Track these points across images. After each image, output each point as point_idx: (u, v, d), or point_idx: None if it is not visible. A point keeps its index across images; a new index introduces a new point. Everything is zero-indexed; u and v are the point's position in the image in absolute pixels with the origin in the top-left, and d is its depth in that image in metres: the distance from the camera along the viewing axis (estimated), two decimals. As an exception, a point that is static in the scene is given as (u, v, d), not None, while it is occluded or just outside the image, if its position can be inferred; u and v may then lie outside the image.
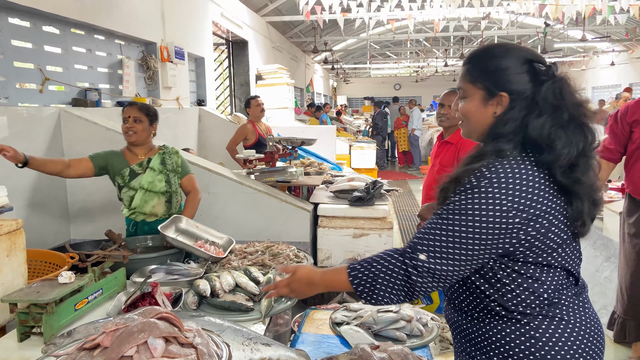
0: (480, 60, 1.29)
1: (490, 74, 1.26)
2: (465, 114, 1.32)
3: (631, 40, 14.19)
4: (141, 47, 5.07)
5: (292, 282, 1.40)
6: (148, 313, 1.32)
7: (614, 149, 2.89)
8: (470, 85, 1.29)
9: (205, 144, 6.03)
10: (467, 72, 1.31)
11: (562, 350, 1.16)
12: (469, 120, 1.31)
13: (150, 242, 2.61)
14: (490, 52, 1.28)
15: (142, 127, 2.76)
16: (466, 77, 1.31)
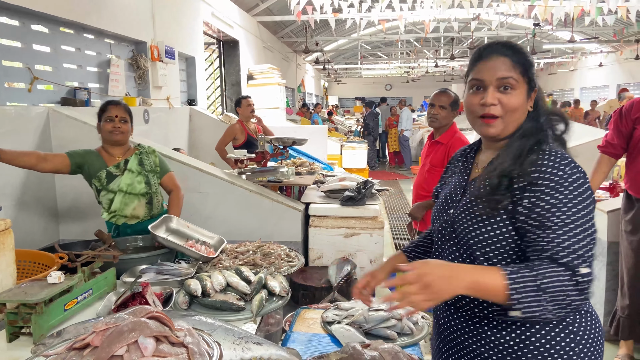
0: (522, 53, 1.24)
1: (530, 69, 1.24)
2: (513, 108, 1.21)
3: (619, 42, 14.35)
4: (131, 47, 5.04)
5: (423, 275, 1.04)
6: (138, 312, 1.32)
7: (617, 144, 2.90)
8: (520, 77, 1.22)
9: (196, 143, 6.01)
10: (517, 62, 1.22)
11: (577, 348, 1.16)
12: (513, 114, 1.22)
13: (141, 242, 2.59)
14: (521, 47, 1.26)
15: (127, 127, 2.72)
16: (517, 68, 1.21)
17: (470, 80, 1.26)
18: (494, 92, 1.21)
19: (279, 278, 2.08)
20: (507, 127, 1.22)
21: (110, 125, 2.68)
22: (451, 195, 1.33)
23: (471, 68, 1.28)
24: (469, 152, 1.42)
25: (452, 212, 1.28)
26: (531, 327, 1.16)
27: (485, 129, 1.23)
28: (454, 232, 1.24)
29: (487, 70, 1.22)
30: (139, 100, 4.81)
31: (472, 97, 1.25)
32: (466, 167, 1.36)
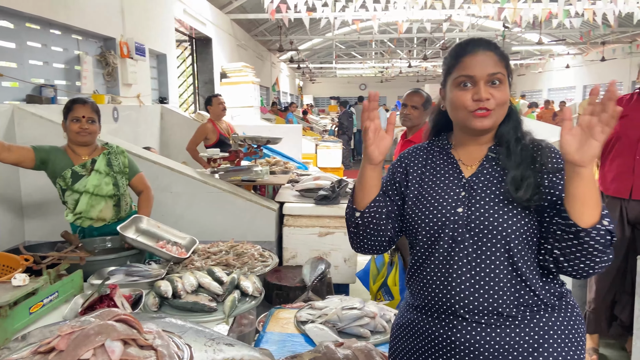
0: (500, 48, 1.27)
1: (509, 63, 1.27)
2: (504, 101, 1.23)
3: (585, 44, 14.76)
4: (99, 43, 4.92)
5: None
6: (105, 315, 1.28)
7: None
8: (505, 71, 1.24)
9: (168, 142, 5.91)
10: (501, 56, 1.24)
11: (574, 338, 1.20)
12: (502, 107, 1.24)
13: (109, 244, 2.53)
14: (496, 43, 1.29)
15: (95, 127, 2.61)
16: (502, 62, 1.24)
17: (457, 77, 1.23)
18: (485, 87, 1.21)
19: (252, 278, 2.06)
20: (497, 120, 1.25)
21: (77, 126, 2.56)
22: (449, 194, 1.26)
23: (454, 63, 1.25)
24: (437, 151, 1.36)
25: (462, 211, 1.22)
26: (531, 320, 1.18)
27: (480, 122, 1.22)
28: (474, 230, 1.20)
29: (476, 66, 1.21)
30: (108, 98, 4.70)
31: (462, 93, 1.23)
32: (453, 166, 1.31)
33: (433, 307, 1.23)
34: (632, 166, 2.79)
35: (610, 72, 15.41)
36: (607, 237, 1.06)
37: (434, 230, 1.24)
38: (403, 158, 1.40)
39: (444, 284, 1.21)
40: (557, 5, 7.76)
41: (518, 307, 1.17)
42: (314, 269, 2.88)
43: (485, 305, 1.16)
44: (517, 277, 1.18)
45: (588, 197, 1.05)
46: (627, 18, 10.86)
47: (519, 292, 1.17)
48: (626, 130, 2.81)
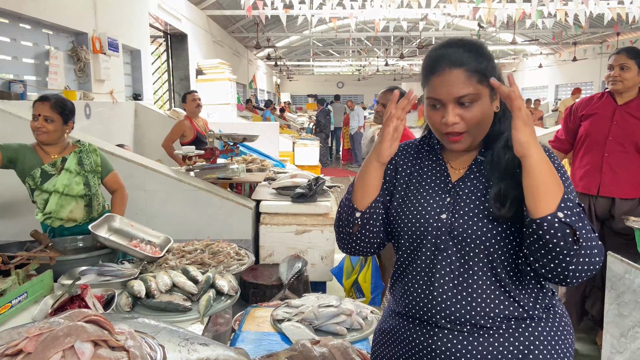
0: (475, 53, 1.15)
1: (488, 69, 1.16)
2: (477, 121, 1.14)
3: (557, 44, 15.08)
4: (71, 38, 4.81)
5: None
6: (75, 316, 1.25)
7: (564, 140, 3.07)
8: (479, 85, 1.14)
9: (142, 140, 5.81)
10: (473, 70, 1.13)
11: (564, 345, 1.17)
12: (479, 125, 1.16)
13: (81, 243, 2.46)
14: (473, 44, 1.18)
15: (54, 127, 2.49)
16: (474, 78, 1.13)
17: (427, 98, 1.18)
18: (454, 109, 1.13)
19: (227, 277, 2.04)
20: (476, 138, 1.18)
21: (33, 125, 2.47)
22: (434, 199, 1.21)
23: (425, 81, 1.19)
24: (427, 150, 1.30)
25: (445, 217, 1.17)
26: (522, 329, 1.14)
27: (454, 145, 1.17)
28: (457, 238, 1.15)
29: (442, 88, 1.13)
30: (80, 94, 4.59)
31: (432, 114, 1.18)
32: (441, 169, 1.25)
33: (415, 315, 1.19)
34: (600, 163, 2.86)
35: (581, 72, 15.79)
36: (565, 230, 0.99)
37: (416, 236, 1.19)
38: (397, 152, 1.33)
39: (425, 293, 1.17)
40: (530, 5, 7.90)
41: (501, 318, 1.13)
42: (290, 267, 2.88)
43: (467, 317, 1.13)
44: (500, 287, 1.14)
45: (537, 187, 1.01)
46: (597, 19, 11.14)
47: (502, 303, 1.13)
48: (595, 128, 2.89)
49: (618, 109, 2.86)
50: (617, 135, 2.82)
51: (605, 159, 2.85)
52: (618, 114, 2.85)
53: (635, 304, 2.08)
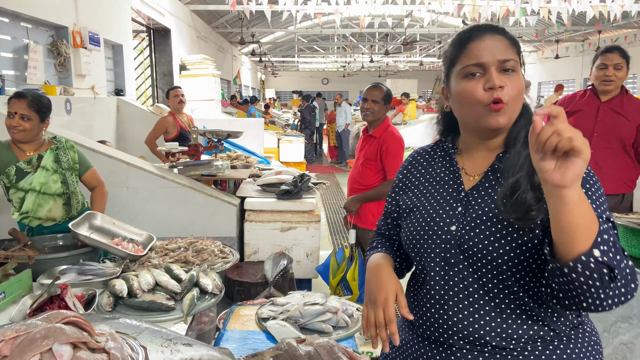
0: (513, 35, 1.09)
1: (522, 55, 1.10)
2: (519, 93, 1.04)
3: (540, 42, 15.24)
4: (51, 32, 4.70)
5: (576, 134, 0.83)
6: (53, 317, 1.22)
7: None
8: (518, 58, 1.06)
9: (125, 136, 5.73)
10: (513, 41, 1.06)
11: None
12: (517, 101, 1.05)
13: (61, 242, 2.40)
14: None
15: (30, 125, 2.43)
16: (514, 48, 1.06)
17: (464, 67, 1.06)
18: (497, 74, 1.02)
19: (211, 275, 2.01)
20: (513, 117, 1.05)
21: (9, 123, 2.40)
22: (444, 209, 1.12)
23: (458, 53, 1.08)
24: (440, 156, 1.22)
25: (455, 229, 1.07)
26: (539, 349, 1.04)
27: (495, 119, 1.03)
28: (467, 252, 1.05)
29: (485, 51, 1.03)
30: (60, 89, 4.50)
31: (470, 84, 1.04)
32: (455, 176, 1.16)
33: (431, 334, 1.11)
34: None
35: (564, 69, 15.99)
36: (601, 270, 0.84)
37: (424, 249, 1.11)
38: (405, 164, 1.28)
39: (439, 312, 1.08)
40: (514, 3, 7.96)
41: (525, 340, 1.02)
42: (275, 264, 2.86)
43: (486, 339, 1.03)
44: (521, 305, 1.03)
45: (575, 225, 0.84)
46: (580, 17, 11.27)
47: (525, 322, 1.03)
48: (580, 125, 2.89)
49: (602, 106, 2.89)
50: (602, 132, 2.85)
51: (592, 155, 2.87)
52: (602, 110, 2.88)
53: (618, 299, 2.11)
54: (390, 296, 1.07)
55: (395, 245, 1.30)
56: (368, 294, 1.12)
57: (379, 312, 1.06)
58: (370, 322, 1.08)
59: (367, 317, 1.10)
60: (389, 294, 1.07)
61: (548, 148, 0.81)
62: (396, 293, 1.08)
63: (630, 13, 8.56)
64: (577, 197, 0.83)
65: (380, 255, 1.21)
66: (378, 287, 1.10)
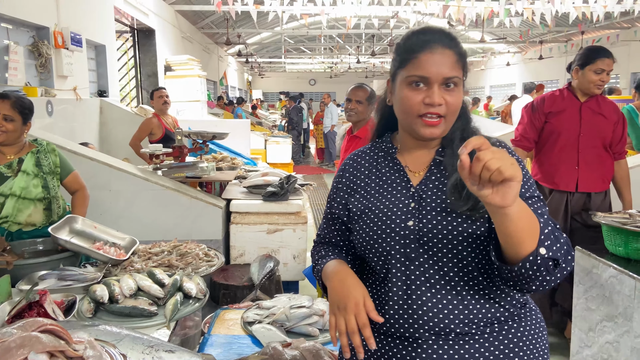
0: (459, 42, 1.14)
1: (466, 61, 1.15)
2: (457, 108, 1.11)
3: (524, 43, 15.39)
4: (32, 32, 4.62)
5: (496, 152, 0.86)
6: (29, 326, 1.18)
7: (530, 138, 3.01)
8: (462, 72, 1.11)
9: (108, 138, 5.65)
10: (460, 55, 1.11)
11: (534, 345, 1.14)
12: (455, 114, 1.11)
13: (41, 246, 2.34)
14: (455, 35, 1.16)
15: (14, 126, 2.38)
16: (460, 63, 1.11)
17: (410, 76, 1.10)
18: (439, 90, 1.08)
19: (195, 279, 1.98)
20: (447, 129, 1.12)
21: None
22: (397, 206, 1.14)
23: (408, 58, 1.11)
24: (382, 156, 1.24)
25: (412, 224, 1.10)
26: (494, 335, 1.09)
27: (429, 130, 1.09)
28: (427, 244, 1.09)
29: (433, 66, 1.07)
30: (41, 91, 4.42)
31: (412, 93, 1.09)
32: (400, 174, 1.18)
33: (395, 332, 1.12)
34: (576, 160, 2.89)
35: (547, 70, 16.17)
36: (547, 263, 0.94)
37: (382, 248, 1.12)
38: (346, 167, 1.28)
39: (403, 308, 1.10)
40: (498, 4, 8.02)
41: (485, 322, 1.08)
42: (262, 267, 2.83)
43: (451, 327, 1.07)
44: (479, 290, 1.09)
45: (520, 231, 0.91)
46: (563, 18, 11.40)
47: (483, 306, 1.09)
48: (566, 126, 2.91)
49: (583, 106, 2.91)
50: (586, 132, 2.88)
51: (580, 155, 2.88)
52: (584, 111, 2.91)
53: (603, 298, 2.11)
54: (360, 301, 1.07)
55: (343, 251, 1.29)
56: (335, 302, 1.10)
57: (351, 318, 1.06)
58: (341, 330, 1.07)
59: (337, 326, 1.08)
60: (358, 298, 1.07)
61: (483, 181, 0.86)
62: (364, 297, 1.08)
63: (612, 14, 8.69)
64: (519, 209, 0.89)
65: (337, 262, 1.20)
66: (346, 294, 1.09)
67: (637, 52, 12.12)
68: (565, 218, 2.94)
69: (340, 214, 1.26)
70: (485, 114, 12.99)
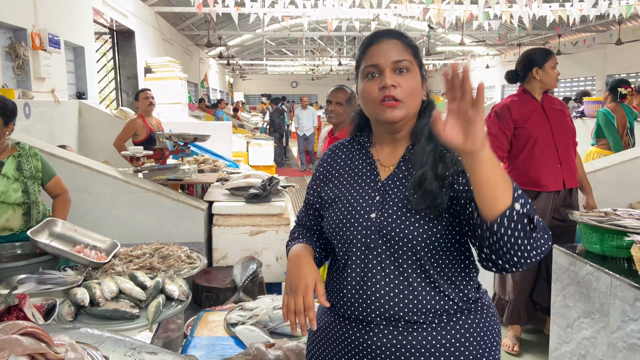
0: (409, 37, 1.22)
1: (419, 53, 1.23)
2: (412, 90, 1.17)
3: (503, 45, 15.63)
4: (8, 34, 4.54)
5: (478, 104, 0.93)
6: (9, 329, 1.16)
7: (504, 147, 2.97)
8: (413, 59, 1.19)
9: (88, 140, 5.57)
10: (408, 44, 1.19)
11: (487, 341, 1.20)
12: (413, 97, 1.17)
13: (20, 250, 2.31)
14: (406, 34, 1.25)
15: None
16: (409, 50, 1.19)
17: (364, 68, 1.20)
18: (391, 74, 1.15)
19: (178, 281, 1.97)
20: (410, 112, 1.17)
21: None
22: (364, 198, 1.21)
23: (361, 56, 1.22)
24: (357, 149, 1.31)
25: (375, 216, 1.17)
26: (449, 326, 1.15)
27: (390, 113, 1.15)
28: (385, 237, 1.15)
29: (380, 54, 1.17)
30: (19, 93, 4.34)
31: (369, 84, 1.18)
32: (371, 167, 1.25)
33: (350, 314, 1.19)
34: (557, 159, 2.92)
35: (526, 72, 16.43)
36: (523, 220, 0.97)
37: (346, 236, 1.19)
38: (325, 158, 1.36)
39: (359, 293, 1.17)
40: (477, 7, 8.13)
41: (433, 313, 1.15)
42: (245, 269, 2.82)
43: (400, 314, 1.14)
44: (430, 283, 1.15)
45: (494, 179, 0.96)
46: (540, 21, 11.64)
47: (433, 298, 1.15)
48: (539, 128, 2.95)
49: (544, 105, 2.98)
50: (557, 130, 2.94)
51: (560, 153, 2.93)
52: (547, 109, 2.97)
53: (580, 295, 2.16)
54: (310, 285, 1.14)
55: (315, 235, 1.36)
56: (289, 283, 1.18)
57: (299, 300, 1.13)
58: (290, 310, 1.15)
59: (287, 305, 1.16)
60: (309, 282, 1.14)
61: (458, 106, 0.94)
62: (315, 282, 1.15)
63: (588, 17, 8.87)
64: (490, 157, 0.96)
65: (302, 246, 1.27)
66: (298, 277, 1.16)
67: (612, 55, 12.42)
68: (549, 216, 2.99)
69: (315, 201, 1.34)
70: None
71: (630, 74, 11.88)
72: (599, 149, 4.69)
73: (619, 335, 1.91)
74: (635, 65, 11.87)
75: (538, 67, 2.95)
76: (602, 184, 3.40)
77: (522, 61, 3.04)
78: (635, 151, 3.85)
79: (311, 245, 1.30)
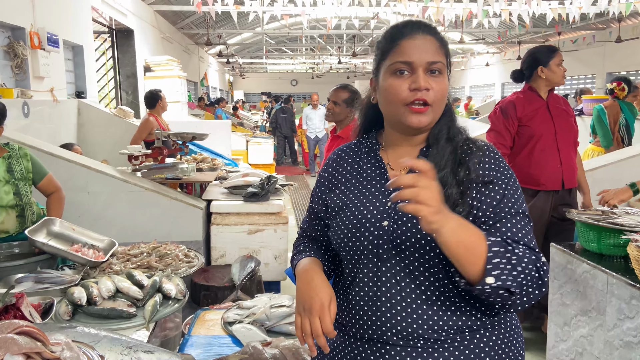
0: (440, 33, 1.11)
1: (449, 52, 1.13)
2: (443, 95, 1.07)
3: (503, 43, 15.61)
4: (7, 33, 4.54)
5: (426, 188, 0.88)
6: (5, 328, 1.17)
7: (507, 144, 2.96)
8: (445, 60, 1.09)
9: (87, 139, 5.57)
10: (442, 43, 1.09)
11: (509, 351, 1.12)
12: (442, 102, 1.09)
13: (17, 249, 2.31)
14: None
15: None
16: (442, 50, 1.08)
17: (393, 63, 1.07)
18: (424, 75, 1.04)
19: (175, 280, 1.97)
20: (436, 117, 1.08)
21: None
22: (374, 205, 1.10)
23: (389, 48, 1.09)
24: (365, 152, 1.21)
25: (387, 225, 1.06)
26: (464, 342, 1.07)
27: (417, 118, 1.05)
28: (399, 247, 1.05)
29: (414, 50, 1.05)
30: (17, 92, 4.34)
31: (397, 81, 1.06)
32: (381, 171, 1.15)
33: (363, 334, 1.09)
34: (559, 159, 2.92)
35: (525, 70, 16.42)
36: (497, 292, 0.94)
37: (355, 247, 1.09)
38: (329, 162, 1.26)
39: (372, 310, 1.06)
40: (476, 5, 8.12)
41: (455, 331, 1.05)
42: (243, 267, 2.83)
43: (419, 332, 1.03)
44: (450, 297, 1.05)
45: (459, 258, 0.93)
46: (540, 19, 11.61)
47: (454, 314, 1.05)
48: (543, 127, 2.93)
49: (549, 104, 2.97)
50: (560, 130, 2.93)
51: (561, 153, 2.92)
52: (552, 109, 2.96)
53: (577, 293, 2.17)
54: (325, 304, 1.04)
55: (322, 248, 1.26)
56: (301, 302, 1.08)
57: (315, 321, 1.03)
58: (306, 332, 1.05)
59: (302, 327, 1.06)
60: (324, 301, 1.05)
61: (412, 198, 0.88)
62: (330, 300, 1.06)
63: (588, 15, 8.87)
64: (455, 238, 0.91)
65: (310, 260, 1.17)
66: (312, 294, 1.06)
67: (612, 53, 12.39)
68: (547, 215, 2.98)
69: (319, 209, 1.24)
70: (465, 114, 13.15)
71: (630, 72, 11.87)
72: (595, 146, 4.71)
73: (615, 333, 1.91)
74: (635, 63, 11.86)
75: (543, 65, 2.93)
76: (599, 182, 3.40)
77: (527, 60, 3.02)
78: (631, 150, 3.86)
79: (319, 258, 1.19)
